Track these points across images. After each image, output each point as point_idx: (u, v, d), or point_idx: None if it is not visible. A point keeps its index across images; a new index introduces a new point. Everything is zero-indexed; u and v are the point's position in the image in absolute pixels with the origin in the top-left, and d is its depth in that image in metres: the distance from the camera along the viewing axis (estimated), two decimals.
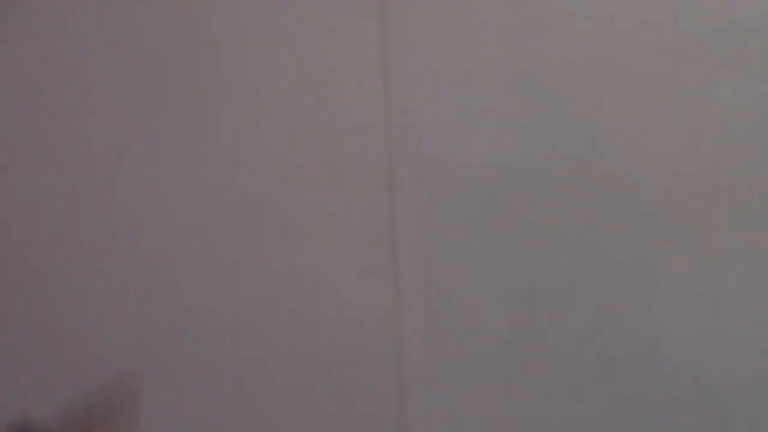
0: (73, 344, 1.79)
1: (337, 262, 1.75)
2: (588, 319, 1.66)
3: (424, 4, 1.68)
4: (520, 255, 1.68)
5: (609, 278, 1.65)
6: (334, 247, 1.75)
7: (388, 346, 1.74)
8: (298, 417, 1.77)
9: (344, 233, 1.74)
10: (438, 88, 1.69)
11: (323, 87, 1.74)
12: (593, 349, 1.65)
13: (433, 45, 1.69)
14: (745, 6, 1.57)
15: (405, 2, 1.69)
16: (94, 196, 1.81)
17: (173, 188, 1.80)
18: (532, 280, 1.67)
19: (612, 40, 1.63)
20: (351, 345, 1.75)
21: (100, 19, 1.78)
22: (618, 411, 1.65)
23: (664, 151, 1.62)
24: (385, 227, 1.72)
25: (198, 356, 1.80)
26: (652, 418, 1.64)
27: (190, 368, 1.80)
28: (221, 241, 1.78)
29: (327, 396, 1.76)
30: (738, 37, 1.58)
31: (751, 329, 1.61)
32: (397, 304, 1.73)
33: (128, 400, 1.52)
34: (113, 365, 1.77)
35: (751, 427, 1.61)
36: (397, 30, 1.71)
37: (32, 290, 1.79)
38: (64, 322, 1.79)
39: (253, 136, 1.77)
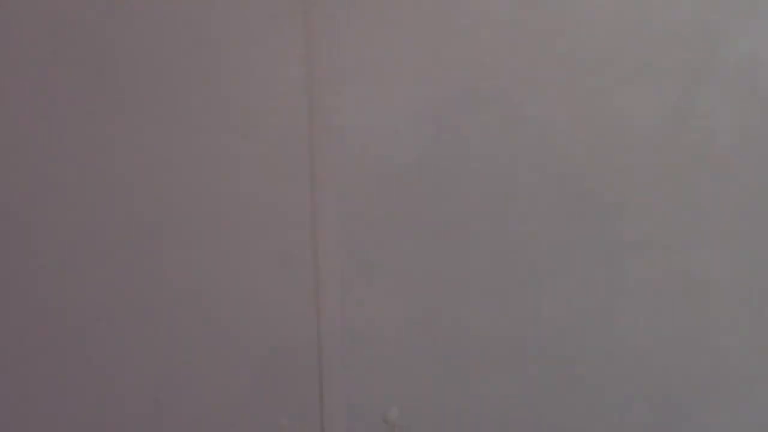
0: None
1: (262, 250, 1.77)
2: (496, 305, 1.70)
3: (347, 10, 1.71)
4: (431, 245, 1.71)
5: (516, 267, 1.69)
6: (259, 236, 1.77)
7: (308, 329, 1.76)
8: (221, 395, 1.79)
9: (269, 224, 1.76)
10: (359, 89, 1.72)
11: (251, 87, 1.75)
12: (502, 334, 1.69)
13: (355, 49, 1.71)
14: (652, 21, 1.62)
15: (328, 8, 1.72)
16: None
17: (104, 178, 1.80)
18: (443, 268, 1.71)
19: (527, 48, 1.66)
20: (273, 327, 1.77)
21: (27, 14, 1.78)
22: (523, 390, 1.69)
23: (572, 150, 1.65)
24: (307, 219, 1.75)
25: (125, 338, 1.80)
26: (553, 396, 1.69)
27: (120, 347, 1.81)
28: (147, 230, 1.79)
29: (249, 375, 1.78)
30: (645, 50, 1.62)
31: (651, 316, 1.66)
32: (317, 290, 1.76)
33: None
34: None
35: (640, 405, 1.67)
36: (321, 34, 1.73)
37: None
38: None
39: (185, 132, 1.78)
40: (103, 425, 1.81)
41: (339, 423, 1.75)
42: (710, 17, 1.60)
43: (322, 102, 1.74)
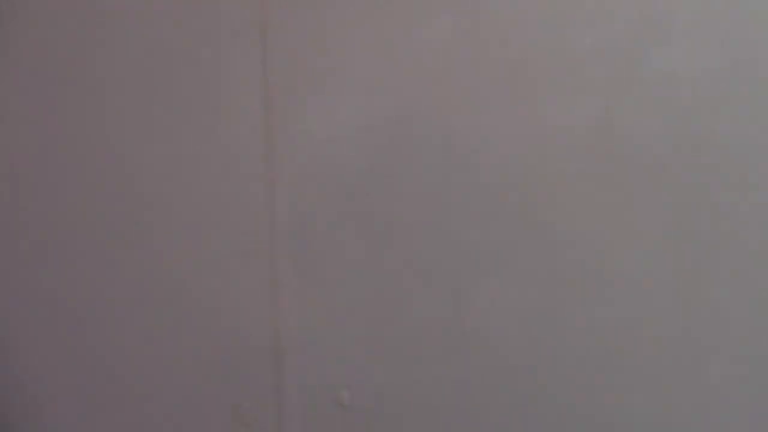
0: None
1: (223, 245, 1.84)
2: (438, 298, 1.75)
3: (301, 24, 1.77)
4: (379, 241, 1.77)
5: (456, 263, 1.73)
6: (220, 232, 1.84)
7: (265, 319, 1.83)
8: (183, 382, 1.86)
9: (229, 221, 1.84)
10: (312, 96, 1.78)
11: (212, 95, 1.83)
12: (443, 324, 1.74)
13: (308, 59, 1.78)
14: (578, 42, 1.65)
15: (283, 22, 1.78)
16: None
17: (78, 177, 1.89)
18: (389, 263, 1.77)
19: (465, 67, 1.71)
20: (233, 318, 1.84)
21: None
22: (461, 375, 1.73)
23: (506, 158, 1.69)
24: (265, 216, 1.82)
25: (92, 328, 1.89)
26: (489, 380, 1.73)
27: (89, 335, 1.90)
28: (117, 227, 1.87)
29: (211, 362, 1.85)
30: (570, 68, 1.66)
31: (574, 315, 1.68)
32: (274, 283, 1.83)
33: None
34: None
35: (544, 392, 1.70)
36: (276, 46, 1.79)
37: None
38: None
39: (143, 137, 1.86)
40: (84, 408, 1.90)
41: (295, 405, 1.81)
42: (629, 37, 1.63)
43: (278, 109, 1.81)
